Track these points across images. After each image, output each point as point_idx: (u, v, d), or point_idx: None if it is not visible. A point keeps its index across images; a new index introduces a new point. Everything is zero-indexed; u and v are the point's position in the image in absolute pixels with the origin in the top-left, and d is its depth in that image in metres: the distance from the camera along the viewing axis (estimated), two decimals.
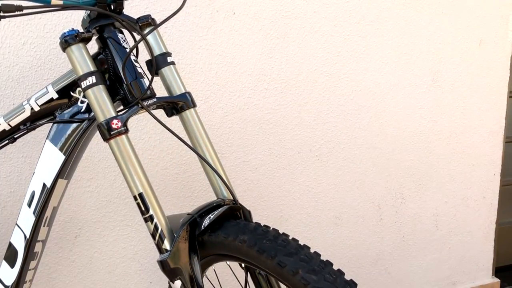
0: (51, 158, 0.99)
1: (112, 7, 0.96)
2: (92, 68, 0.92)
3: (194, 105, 1.00)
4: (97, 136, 1.05)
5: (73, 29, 0.92)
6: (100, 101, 0.91)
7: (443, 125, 1.88)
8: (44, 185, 1.00)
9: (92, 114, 0.98)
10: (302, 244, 0.84)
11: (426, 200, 1.92)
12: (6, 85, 1.30)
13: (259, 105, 1.58)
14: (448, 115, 1.88)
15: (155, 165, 1.48)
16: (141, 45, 0.97)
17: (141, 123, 1.44)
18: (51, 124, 1.01)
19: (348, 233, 1.81)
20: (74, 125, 1.00)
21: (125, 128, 0.90)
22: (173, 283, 0.89)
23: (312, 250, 0.83)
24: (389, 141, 1.80)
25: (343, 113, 1.70)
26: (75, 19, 1.32)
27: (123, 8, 0.97)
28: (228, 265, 1.07)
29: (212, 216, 0.92)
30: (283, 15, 1.56)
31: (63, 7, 0.88)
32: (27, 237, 1.02)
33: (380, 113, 1.76)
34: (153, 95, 0.96)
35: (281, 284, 0.99)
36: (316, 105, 1.66)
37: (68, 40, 0.92)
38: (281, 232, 0.87)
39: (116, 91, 0.97)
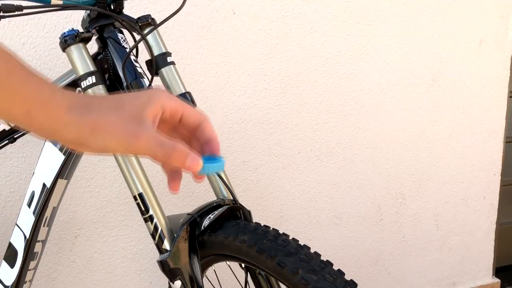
0: (51, 158, 0.99)
1: (112, 7, 0.96)
2: (92, 68, 0.92)
3: (194, 105, 1.00)
4: None
5: (73, 29, 0.92)
6: None
7: (443, 125, 1.88)
8: (44, 185, 1.00)
9: None
10: (302, 244, 0.84)
11: (426, 200, 1.92)
12: None
13: (259, 105, 1.58)
14: (448, 115, 1.88)
15: (155, 165, 1.48)
16: (141, 45, 0.97)
17: None
18: None
19: (348, 233, 1.81)
20: None
21: None
22: (173, 283, 0.89)
23: (312, 250, 0.83)
24: (389, 141, 1.80)
25: (343, 113, 1.70)
26: (75, 19, 1.32)
27: (123, 8, 0.96)
28: (228, 265, 1.07)
29: (212, 216, 0.92)
30: (283, 15, 1.56)
31: (63, 7, 0.88)
32: (27, 237, 1.02)
33: (380, 113, 1.76)
34: None
35: (281, 284, 0.99)
36: (316, 105, 1.66)
37: (67, 40, 0.92)
38: (281, 232, 0.87)
39: (116, 91, 0.97)
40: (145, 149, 0.49)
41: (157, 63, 0.99)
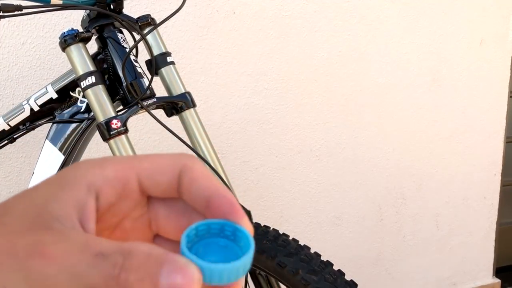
0: (51, 158, 0.99)
1: (112, 6, 0.96)
2: (91, 68, 0.92)
3: (194, 105, 1.00)
4: (97, 136, 1.04)
5: (72, 29, 0.92)
6: (99, 101, 0.91)
7: (444, 125, 1.88)
8: None
9: (92, 114, 0.98)
10: (302, 244, 0.84)
11: (426, 200, 1.92)
12: (6, 85, 1.30)
13: (259, 105, 1.58)
14: (448, 115, 1.88)
15: None
16: (141, 45, 0.97)
17: (141, 123, 1.44)
18: (50, 124, 1.01)
19: (349, 233, 1.81)
20: (74, 125, 0.99)
21: (124, 128, 0.90)
22: None
23: (312, 251, 0.83)
24: (389, 141, 1.80)
25: (343, 113, 1.70)
26: (74, 19, 1.32)
27: (122, 7, 0.96)
28: None
29: None
30: (283, 15, 1.56)
31: (63, 7, 0.88)
32: None
33: (381, 113, 1.76)
34: (152, 95, 0.96)
35: (281, 284, 0.99)
36: (316, 105, 1.66)
37: (67, 40, 0.91)
38: (281, 232, 0.87)
39: (115, 91, 0.97)
40: (65, 276, 0.23)
41: (157, 63, 0.99)
